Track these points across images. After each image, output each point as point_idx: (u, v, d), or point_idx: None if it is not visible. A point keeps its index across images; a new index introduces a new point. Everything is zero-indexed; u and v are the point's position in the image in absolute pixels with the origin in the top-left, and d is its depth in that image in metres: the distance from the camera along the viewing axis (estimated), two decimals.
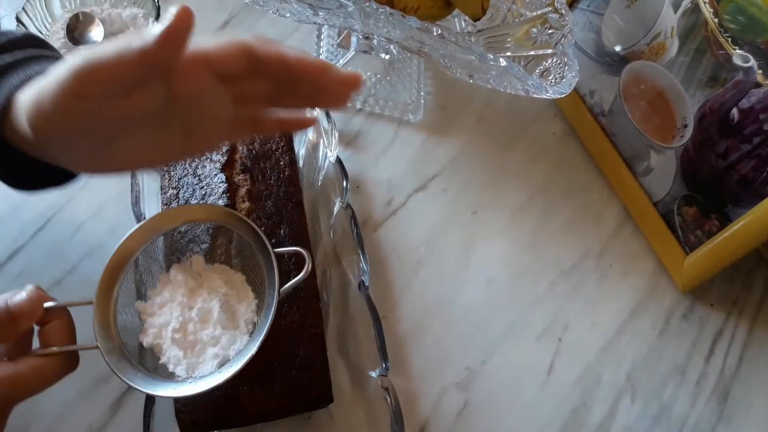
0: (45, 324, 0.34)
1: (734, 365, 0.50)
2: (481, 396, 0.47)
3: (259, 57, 0.31)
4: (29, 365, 0.32)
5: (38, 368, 0.32)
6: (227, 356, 0.36)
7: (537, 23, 0.52)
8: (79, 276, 0.49)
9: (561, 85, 0.46)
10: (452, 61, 0.47)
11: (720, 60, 0.47)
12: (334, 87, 0.32)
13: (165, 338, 0.36)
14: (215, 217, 0.37)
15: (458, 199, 0.55)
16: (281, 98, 0.35)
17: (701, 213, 0.50)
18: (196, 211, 0.36)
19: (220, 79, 0.32)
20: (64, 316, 0.35)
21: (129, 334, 0.36)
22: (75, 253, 0.50)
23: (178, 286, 0.38)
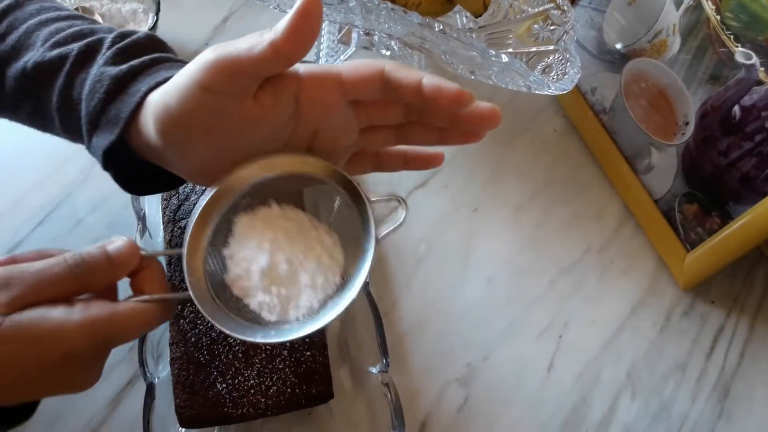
0: (137, 273, 0.33)
1: (735, 362, 0.50)
2: (481, 392, 0.47)
3: (394, 83, 0.30)
4: (128, 308, 0.31)
5: (136, 312, 0.31)
6: (321, 301, 0.34)
7: (539, 20, 0.52)
8: None
9: (563, 81, 0.46)
10: (454, 57, 0.47)
11: (722, 57, 0.47)
12: (469, 121, 0.31)
13: (254, 283, 0.34)
14: (308, 169, 0.34)
15: (459, 196, 0.55)
16: (410, 133, 0.34)
17: (702, 210, 0.50)
18: (288, 162, 0.33)
19: (351, 103, 0.31)
20: (155, 264, 0.34)
21: (219, 283, 0.34)
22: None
23: (266, 230, 0.35)
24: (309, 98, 0.30)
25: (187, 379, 0.40)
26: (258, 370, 0.41)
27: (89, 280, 0.31)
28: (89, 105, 0.33)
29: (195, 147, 0.31)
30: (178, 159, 0.32)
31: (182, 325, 0.42)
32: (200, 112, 0.29)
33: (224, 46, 0.28)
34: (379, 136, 0.35)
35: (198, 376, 0.40)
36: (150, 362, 0.42)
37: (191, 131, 0.30)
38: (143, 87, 0.32)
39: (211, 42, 0.59)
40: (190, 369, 0.41)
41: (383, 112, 0.33)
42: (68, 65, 0.34)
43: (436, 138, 0.34)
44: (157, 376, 0.41)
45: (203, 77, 0.28)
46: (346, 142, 0.34)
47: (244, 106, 0.29)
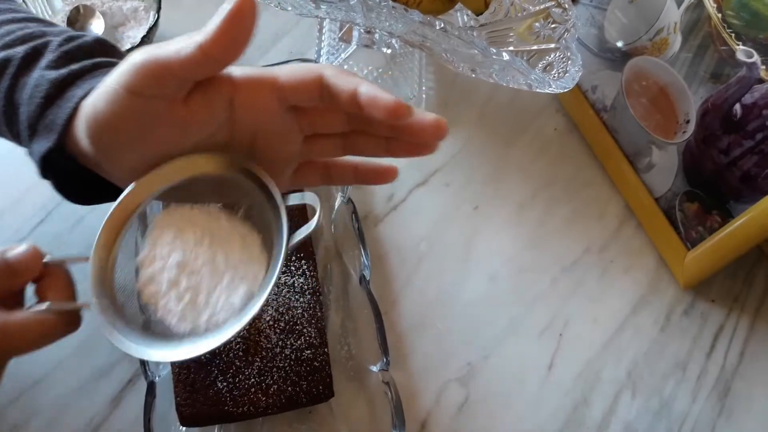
0: (40, 281, 0.32)
1: (735, 361, 0.50)
2: (482, 391, 0.47)
3: (331, 90, 0.28)
4: (23, 318, 0.30)
5: (32, 322, 0.30)
6: (229, 312, 0.32)
7: (540, 18, 0.52)
8: (80, 269, 0.49)
9: (564, 79, 0.46)
10: (455, 55, 0.47)
11: (723, 56, 0.47)
12: (411, 132, 0.29)
13: (162, 292, 0.32)
14: (224, 169, 0.33)
15: (460, 195, 0.55)
16: (356, 143, 0.32)
17: (703, 209, 0.50)
18: (204, 163, 0.32)
19: (290, 108, 0.30)
20: (63, 272, 0.32)
21: (128, 294, 0.33)
22: (75, 247, 0.50)
23: (180, 234, 0.33)
24: (244, 102, 0.29)
25: (187, 377, 0.40)
26: (258, 368, 0.41)
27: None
28: (29, 109, 0.32)
29: (126, 153, 0.30)
30: (112, 166, 0.31)
31: None
32: (128, 116, 0.28)
33: (152, 48, 0.27)
34: (324, 145, 0.33)
35: (198, 374, 0.40)
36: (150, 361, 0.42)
37: (120, 136, 0.29)
38: (80, 92, 0.31)
39: None
40: (191, 367, 0.41)
41: (326, 120, 0.32)
42: (13, 68, 0.33)
43: (384, 149, 0.32)
44: (157, 375, 0.41)
45: (130, 80, 0.27)
46: (288, 150, 0.32)
47: (174, 110, 0.28)
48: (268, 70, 0.30)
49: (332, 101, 0.29)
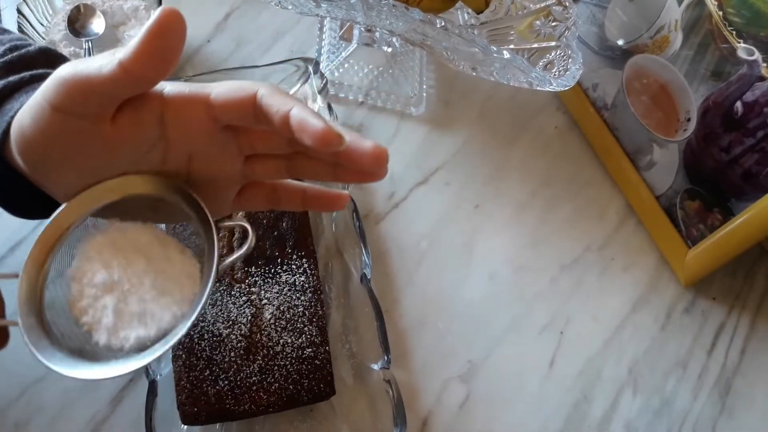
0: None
1: (736, 359, 0.50)
2: (483, 389, 0.47)
3: (264, 110, 0.27)
4: None
5: None
6: (159, 331, 0.31)
7: (540, 16, 0.52)
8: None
9: (565, 77, 0.46)
10: (455, 53, 0.47)
11: (724, 53, 0.47)
12: (349, 159, 0.27)
13: (92, 309, 0.32)
14: (158, 190, 0.32)
15: (460, 193, 0.55)
16: (300, 166, 0.31)
17: (704, 207, 0.50)
18: (139, 183, 0.32)
19: (226, 127, 0.29)
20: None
21: (58, 312, 0.32)
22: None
23: (112, 252, 0.33)
24: (175, 120, 0.28)
25: (189, 376, 0.41)
26: (260, 367, 0.41)
27: None
28: None
29: (57, 171, 0.29)
30: (45, 183, 0.30)
31: None
32: (54, 134, 0.27)
33: (78, 63, 0.26)
34: (267, 167, 0.32)
35: (200, 373, 0.41)
36: None
37: (49, 155, 0.28)
38: (17, 105, 0.29)
39: (212, 39, 0.59)
40: (192, 366, 0.41)
41: (266, 141, 0.30)
42: None
43: (330, 174, 0.30)
44: (159, 373, 0.41)
45: (53, 97, 0.26)
46: (227, 170, 0.31)
47: (101, 129, 0.27)
48: (202, 86, 0.28)
49: (266, 122, 0.27)
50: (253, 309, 0.42)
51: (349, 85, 0.59)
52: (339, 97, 0.59)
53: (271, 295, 0.43)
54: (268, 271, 0.44)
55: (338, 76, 0.59)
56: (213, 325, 0.42)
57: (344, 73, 0.60)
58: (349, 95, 0.59)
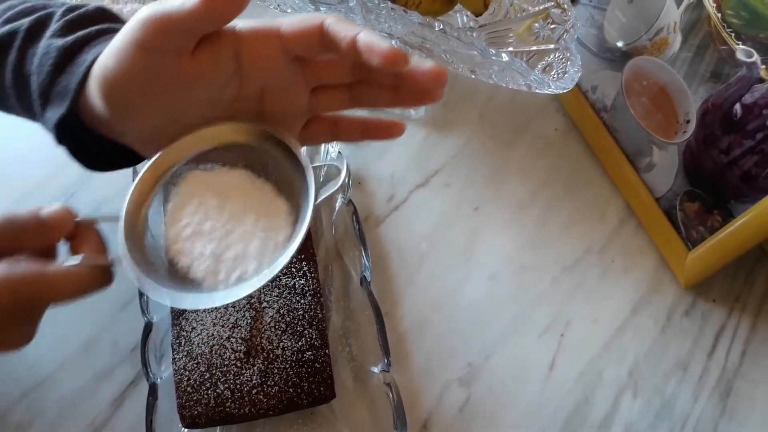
0: (74, 238, 0.33)
1: (737, 361, 0.50)
2: (483, 391, 0.47)
3: (332, 37, 0.29)
4: (58, 269, 0.31)
5: (67, 274, 0.31)
6: (257, 266, 0.33)
7: (539, 18, 0.52)
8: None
9: (563, 80, 0.46)
10: (454, 56, 0.47)
11: (723, 55, 0.47)
12: (411, 79, 0.29)
13: (190, 249, 0.33)
14: (249, 137, 0.34)
15: (460, 195, 0.55)
16: (362, 93, 0.33)
17: (704, 209, 0.50)
18: (230, 131, 0.34)
19: (295, 59, 0.31)
20: (94, 231, 0.33)
21: (157, 253, 0.34)
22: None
23: (206, 195, 0.35)
24: (249, 54, 0.30)
25: (189, 379, 0.41)
26: (260, 370, 0.41)
27: (20, 240, 0.31)
28: (39, 78, 0.33)
29: (139, 110, 0.31)
30: (125, 125, 0.32)
31: (184, 326, 0.42)
32: (138, 71, 0.29)
33: (157, 4, 0.28)
34: (331, 97, 0.34)
35: (200, 376, 0.41)
36: (152, 362, 0.42)
37: (132, 93, 0.30)
38: (89, 57, 0.32)
39: None
40: (192, 369, 0.41)
41: (331, 70, 0.32)
42: (18, 40, 0.34)
43: (390, 98, 0.33)
44: (159, 377, 0.42)
45: (138, 35, 0.28)
46: (296, 103, 0.33)
47: (182, 64, 0.29)
48: (271, 21, 0.30)
49: (333, 49, 0.29)
50: (252, 312, 0.42)
51: None
52: None
53: (271, 298, 0.43)
54: None
55: None
56: (213, 328, 0.42)
57: None
58: None
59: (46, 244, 0.32)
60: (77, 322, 0.47)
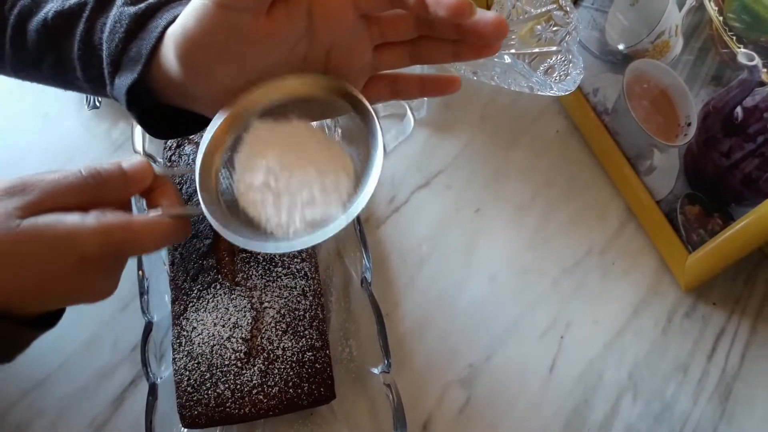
0: (152, 192, 0.35)
1: (736, 364, 0.50)
2: (483, 393, 0.47)
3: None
4: (143, 219, 0.33)
5: (151, 223, 0.33)
6: (329, 212, 0.33)
7: (542, 20, 0.52)
8: None
9: (565, 82, 0.46)
10: None
11: (724, 58, 0.47)
12: (474, 31, 0.30)
13: (262, 197, 0.34)
14: (316, 90, 0.35)
15: (461, 197, 0.55)
16: (423, 49, 0.34)
17: (704, 212, 0.50)
18: (298, 84, 0.35)
19: (362, 17, 0.32)
20: (171, 184, 0.35)
21: (230, 199, 0.35)
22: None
23: (275, 147, 0.35)
24: (321, 11, 0.31)
25: (189, 379, 0.41)
26: (260, 370, 0.41)
27: (103, 191, 0.32)
28: (110, 46, 0.34)
29: (215, 70, 0.32)
30: (200, 86, 0.33)
31: (185, 326, 0.42)
32: (217, 29, 0.30)
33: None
34: (393, 54, 0.35)
35: (200, 376, 0.41)
36: (152, 362, 0.42)
37: (210, 51, 0.31)
38: (162, 22, 0.33)
39: None
40: (193, 369, 0.41)
41: (394, 27, 0.33)
42: (87, 11, 0.35)
43: (451, 53, 0.34)
44: (159, 376, 0.42)
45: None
46: (360, 60, 0.34)
47: (259, 22, 0.30)
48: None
49: (400, 4, 0.30)
50: (253, 312, 0.42)
51: None
52: None
53: (271, 298, 0.43)
54: (269, 275, 0.44)
55: None
56: (214, 328, 0.42)
57: None
58: None
59: (128, 196, 0.34)
60: (78, 321, 0.47)
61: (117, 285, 0.34)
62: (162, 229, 0.33)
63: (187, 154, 0.48)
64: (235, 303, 0.42)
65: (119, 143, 0.56)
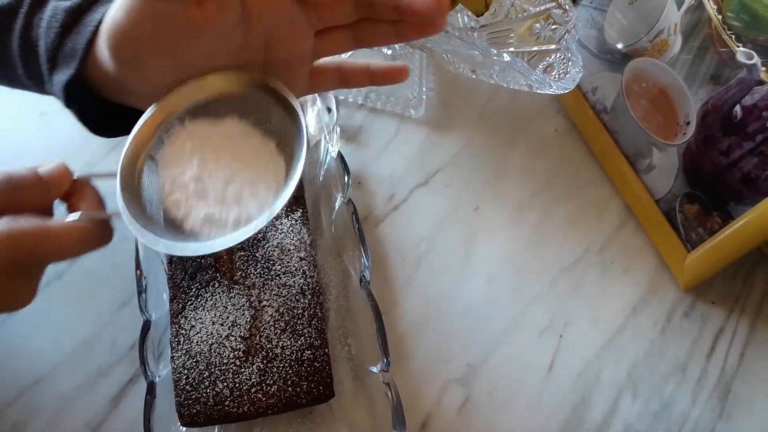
0: (72, 195, 0.34)
1: (735, 363, 0.50)
2: (482, 392, 0.47)
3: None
4: (60, 224, 0.31)
5: (69, 228, 0.31)
6: (250, 214, 0.33)
7: (540, 19, 0.52)
8: (81, 270, 0.49)
9: (565, 80, 0.46)
10: (455, 56, 0.47)
11: (723, 57, 0.47)
12: (412, 9, 0.30)
13: (186, 195, 0.34)
14: (241, 86, 0.35)
15: (460, 195, 0.55)
16: (365, 31, 0.33)
17: (703, 210, 0.50)
18: (223, 81, 0.34)
19: (299, 2, 0.31)
20: (91, 188, 0.34)
21: (155, 207, 0.34)
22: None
23: (201, 145, 0.35)
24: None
25: (188, 377, 0.40)
26: (258, 369, 0.41)
27: (18, 197, 0.31)
28: (47, 42, 0.33)
29: (147, 63, 0.31)
30: (134, 81, 0.32)
31: (183, 324, 0.42)
32: (146, 20, 0.29)
33: None
34: (334, 39, 0.34)
35: (199, 374, 0.40)
36: (151, 361, 0.42)
37: (140, 44, 0.30)
38: (97, 16, 0.32)
39: None
40: (191, 368, 0.41)
41: (333, 11, 0.32)
42: (25, 7, 0.34)
43: (393, 33, 0.33)
44: (157, 375, 0.41)
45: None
46: (301, 47, 0.33)
47: (189, 12, 0.29)
48: None
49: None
50: (252, 311, 0.42)
51: None
52: (339, 99, 0.59)
53: (270, 296, 0.43)
54: (268, 273, 0.44)
55: None
56: (212, 326, 0.42)
57: None
58: (348, 97, 0.59)
59: (45, 202, 0.33)
60: (75, 320, 0.47)
61: (35, 294, 0.33)
62: (80, 233, 0.32)
63: None
64: (233, 301, 0.42)
65: (116, 141, 0.56)
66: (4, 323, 0.47)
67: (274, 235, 0.45)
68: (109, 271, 0.49)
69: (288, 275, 0.44)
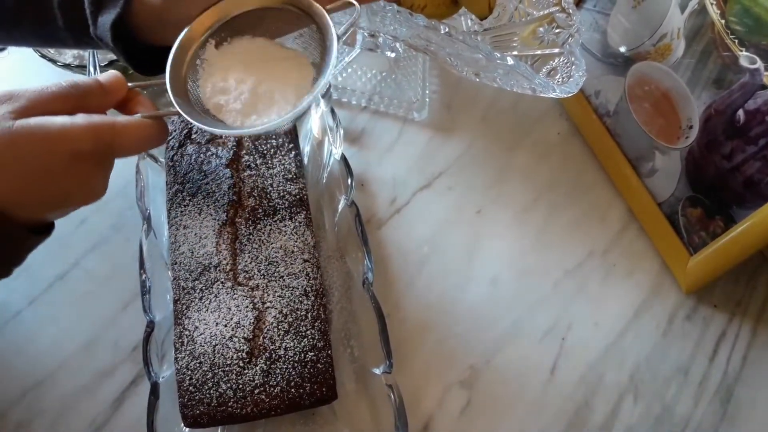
0: (127, 103, 0.38)
1: (737, 366, 0.50)
2: (484, 394, 0.47)
3: None
4: (124, 119, 0.35)
5: (134, 123, 0.36)
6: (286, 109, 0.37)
7: (544, 22, 0.52)
8: (83, 271, 0.49)
9: (568, 84, 0.46)
10: (458, 59, 0.47)
11: (726, 61, 0.47)
12: None
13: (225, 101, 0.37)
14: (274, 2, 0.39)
15: (463, 198, 0.56)
16: None
17: (706, 214, 0.50)
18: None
19: None
20: (143, 96, 0.39)
21: (200, 104, 0.38)
22: (78, 248, 0.50)
23: (236, 55, 0.39)
24: None
25: (191, 378, 0.41)
26: (262, 370, 0.41)
27: (84, 101, 0.35)
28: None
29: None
30: (176, 9, 0.36)
31: (187, 325, 0.42)
32: None
33: None
34: None
35: (202, 375, 0.41)
36: (154, 362, 0.42)
37: None
38: None
39: None
40: (195, 369, 0.41)
41: None
42: None
43: None
44: (161, 376, 0.41)
45: None
46: None
47: None
48: None
49: None
50: (255, 312, 0.42)
51: (352, 89, 0.59)
52: (342, 101, 0.59)
53: (273, 298, 0.43)
54: (271, 275, 0.44)
55: (341, 81, 0.59)
56: (216, 327, 0.42)
57: (347, 78, 0.60)
58: (352, 100, 0.59)
59: (106, 107, 0.37)
60: (79, 320, 0.47)
61: (107, 185, 0.36)
62: (142, 129, 0.36)
63: (189, 154, 0.48)
64: (237, 303, 0.42)
65: None
66: (7, 324, 0.47)
67: (278, 237, 0.45)
68: (112, 273, 0.49)
69: (291, 277, 0.44)
